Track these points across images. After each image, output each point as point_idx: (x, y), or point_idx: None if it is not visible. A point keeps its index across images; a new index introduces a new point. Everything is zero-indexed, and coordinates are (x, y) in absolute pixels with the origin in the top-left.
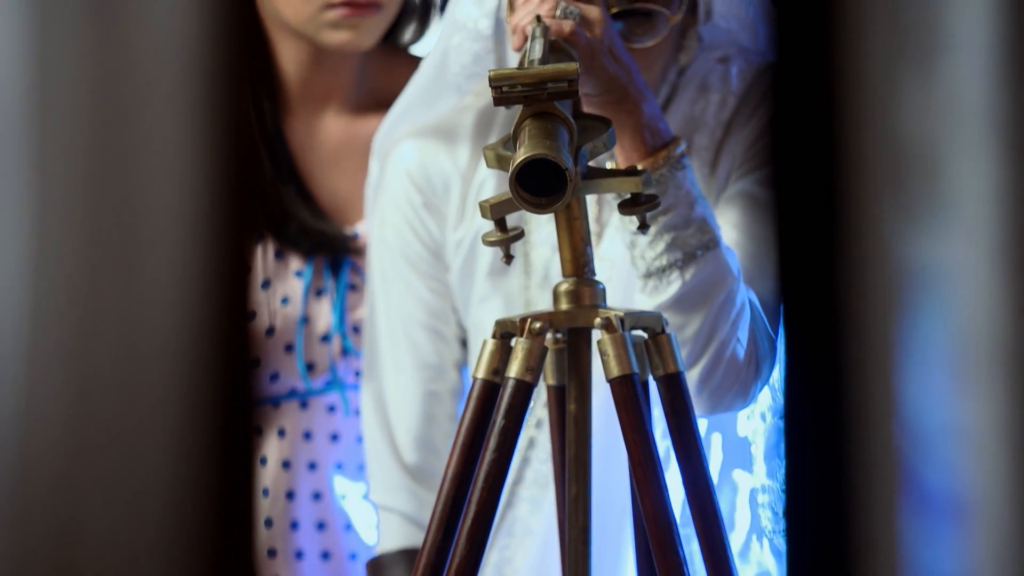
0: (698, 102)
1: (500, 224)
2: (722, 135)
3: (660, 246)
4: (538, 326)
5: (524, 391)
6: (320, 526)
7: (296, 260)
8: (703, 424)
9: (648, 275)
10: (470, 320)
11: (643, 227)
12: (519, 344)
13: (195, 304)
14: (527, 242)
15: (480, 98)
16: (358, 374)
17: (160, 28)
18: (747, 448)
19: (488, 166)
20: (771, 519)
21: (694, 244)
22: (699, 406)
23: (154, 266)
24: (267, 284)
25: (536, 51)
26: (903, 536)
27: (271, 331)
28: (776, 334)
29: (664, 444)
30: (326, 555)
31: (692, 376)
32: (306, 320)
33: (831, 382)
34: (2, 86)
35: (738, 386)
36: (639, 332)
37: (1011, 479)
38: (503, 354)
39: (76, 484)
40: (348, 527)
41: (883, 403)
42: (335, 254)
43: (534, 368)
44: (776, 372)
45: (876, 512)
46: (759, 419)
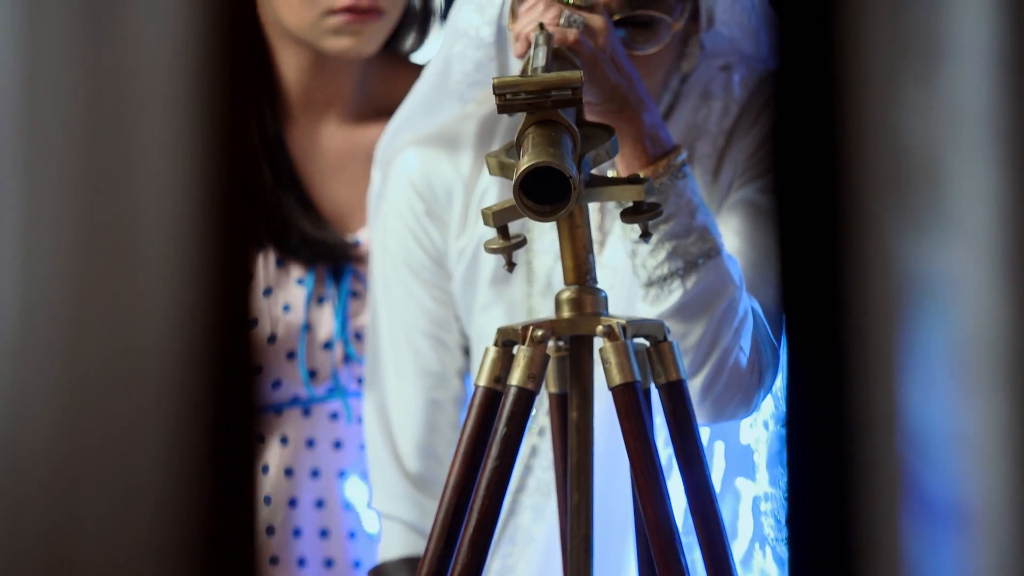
0: (700, 110)
1: (503, 231)
2: (724, 143)
3: (661, 255)
4: (540, 334)
5: (526, 399)
6: (323, 533)
7: (297, 268)
8: (705, 432)
9: (650, 284)
10: (472, 328)
11: (645, 235)
12: (521, 352)
13: (197, 312)
14: (529, 250)
15: (482, 106)
16: (360, 381)
17: (160, 35)
18: (750, 456)
19: (491, 173)
20: (774, 527)
21: (695, 253)
22: (702, 415)
23: (155, 274)
24: (268, 292)
25: (540, 59)
26: (905, 543)
27: (273, 339)
28: (779, 342)
29: (666, 452)
30: (329, 563)
31: (695, 385)
32: (308, 327)
33: (833, 389)
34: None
35: (741, 395)
36: (641, 340)
37: (1013, 486)
38: (505, 362)
39: (75, 494)
40: (351, 535)
41: (885, 410)
42: (336, 262)
43: (536, 376)
44: (779, 380)
45: (878, 519)
46: (761, 427)
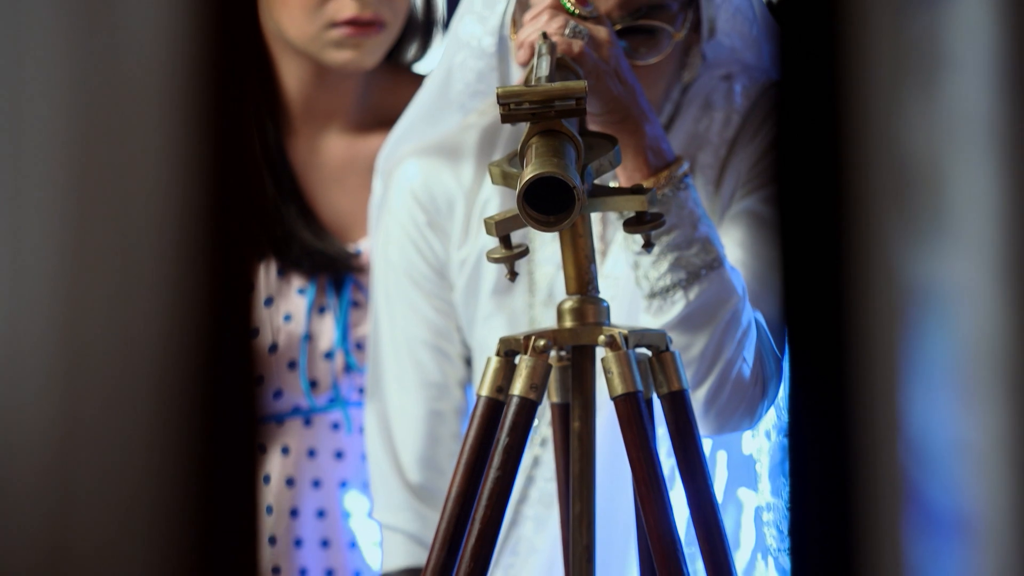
0: (702, 120)
1: (505, 241)
2: (726, 153)
3: (663, 266)
4: (542, 344)
5: (528, 409)
6: (324, 543)
7: (299, 278)
8: (707, 442)
9: (652, 295)
10: (474, 339)
11: (648, 245)
12: (523, 362)
13: (198, 322)
14: (531, 260)
15: (484, 116)
16: (361, 391)
17: (161, 45)
18: (752, 466)
19: (493, 183)
20: (776, 537)
21: (698, 264)
22: (705, 427)
23: (156, 285)
24: (270, 302)
25: (543, 68)
26: (908, 553)
27: (274, 348)
28: (782, 353)
29: (669, 463)
30: (330, 573)
31: (698, 396)
32: (309, 337)
33: (835, 400)
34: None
35: (744, 406)
36: (643, 350)
37: (1014, 495)
38: (507, 372)
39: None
40: (352, 545)
41: (887, 420)
42: (337, 272)
43: (538, 386)
44: (781, 390)
45: (880, 529)
46: (764, 437)
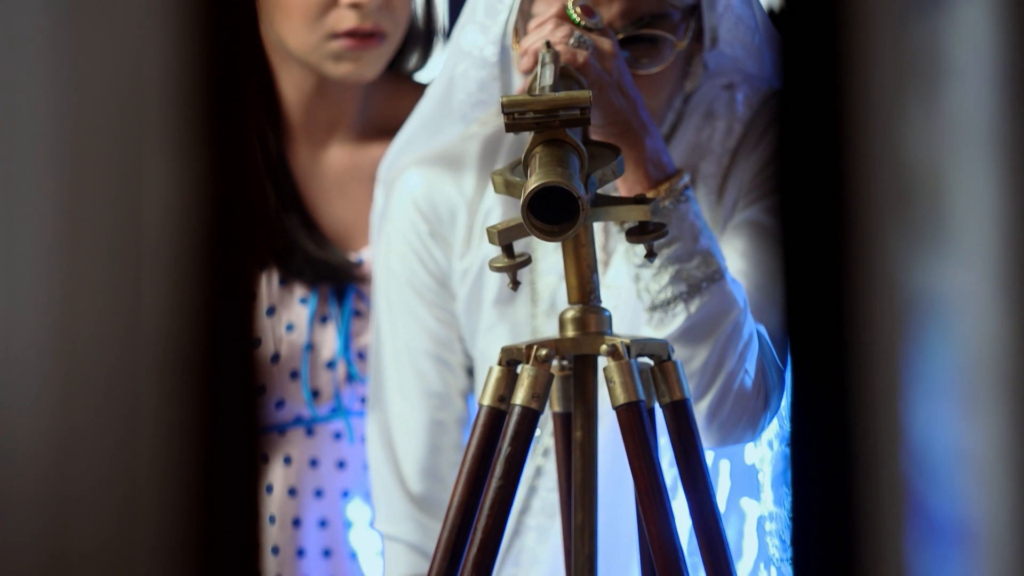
0: (704, 129)
1: (507, 250)
2: (729, 162)
3: (665, 279)
4: (544, 353)
5: (530, 418)
6: (326, 553)
7: (301, 287)
8: (710, 452)
9: (653, 308)
10: (476, 349)
11: (650, 255)
12: (525, 371)
13: (200, 332)
14: (534, 270)
15: (486, 126)
16: (363, 400)
17: (162, 55)
18: (754, 476)
19: (496, 191)
20: (778, 547)
21: (699, 276)
22: (708, 439)
23: (159, 295)
24: (272, 311)
25: (547, 77)
26: (909, 562)
27: (276, 358)
28: (784, 364)
29: (672, 473)
30: None
31: (701, 409)
32: (311, 347)
33: (837, 409)
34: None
35: (747, 417)
36: (645, 359)
37: (1016, 504)
38: (509, 381)
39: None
40: (354, 555)
41: (889, 429)
42: (339, 282)
43: (540, 395)
44: (783, 400)
45: (883, 538)
46: (766, 447)
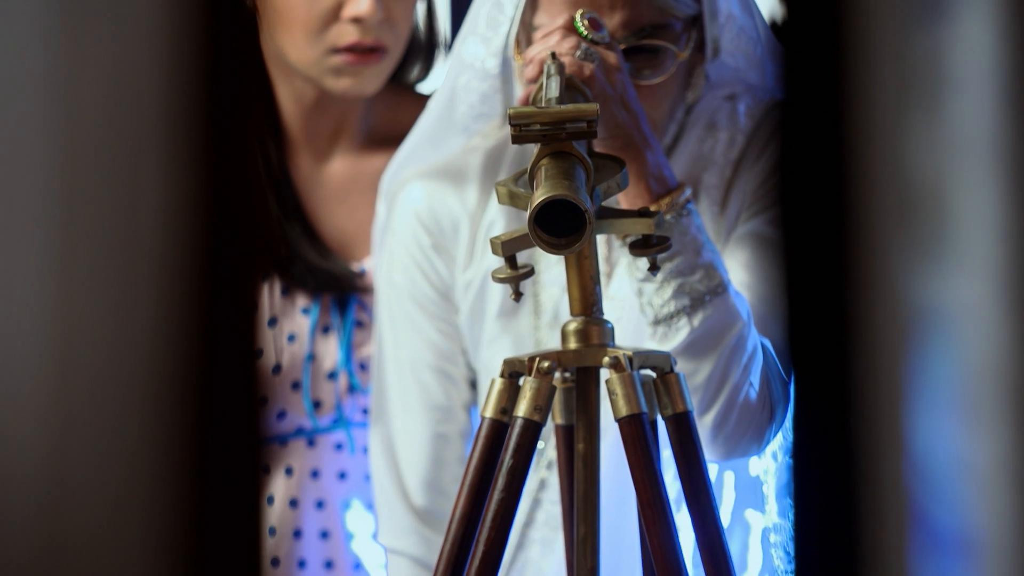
0: (706, 140)
1: (511, 261)
2: (731, 174)
3: (667, 293)
4: (546, 365)
5: (532, 430)
6: (328, 565)
7: (303, 297)
8: (714, 464)
9: (657, 322)
10: (479, 361)
11: (653, 269)
12: (527, 383)
13: (202, 343)
14: (537, 282)
15: (488, 139)
16: (365, 412)
17: (162, 66)
18: (759, 487)
19: (500, 202)
20: (783, 559)
21: (702, 290)
22: (714, 453)
23: (160, 306)
24: (274, 322)
25: (553, 89)
26: (912, 573)
27: (278, 369)
28: (789, 376)
29: (676, 486)
30: None
31: (706, 422)
32: (313, 357)
33: (840, 420)
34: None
35: (752, 431)
36: (647, 371)
37: (1018, 515)
38: (511, 393)
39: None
40: (357, 566)
41: (891, 441)
42: (341, 292)
43: (542, 407)
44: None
45: (885, 550)
46: (771, 458)
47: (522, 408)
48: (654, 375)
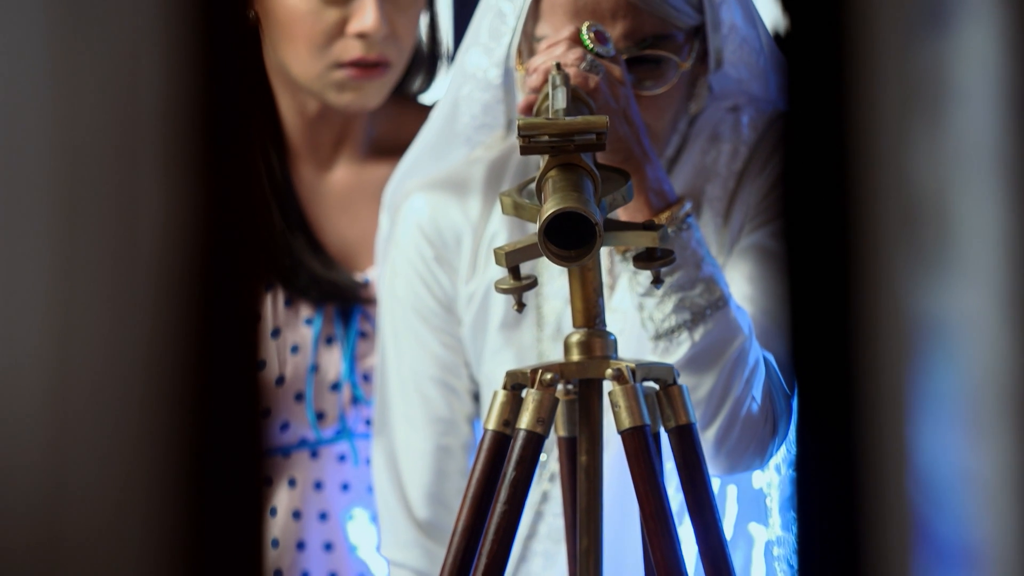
0: (709, 152)
1: (514, 272)
2: (735, 185)
3: (668, 307)
4: (549, 377)
5: (535, 442)
6: None
7: (306, 308)
8: (718, 477)
9: (658, 337)
10: (482, 373)
11: (657, 282)
12: (530, 395)
13: (204, 354)
14: (539, 294)
15: (490, 150)
16: (368, 423)
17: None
18: (762, 500)
19: (504, 212)
20: (786, 572)
21: (702, 304)
22: (717, 467)
23: (162, 317)
24: (277, 333)
25: (560, 101)
26: None
27: (281, 381)
28: (792, 389)
29: (679, 498)
30: None
31: (708, 437)
32: (316, 368)
33: (843, 433)
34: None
35: (756, 445)
36: (650, 383)
37: (1023, 528)
38: (514, 405)
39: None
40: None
41: (895, 453)
42: (345, 302)
43: (545, 419)
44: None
45: (889, 563)
46: (774, 471)
47: (525, 420)
48: (657, 387)
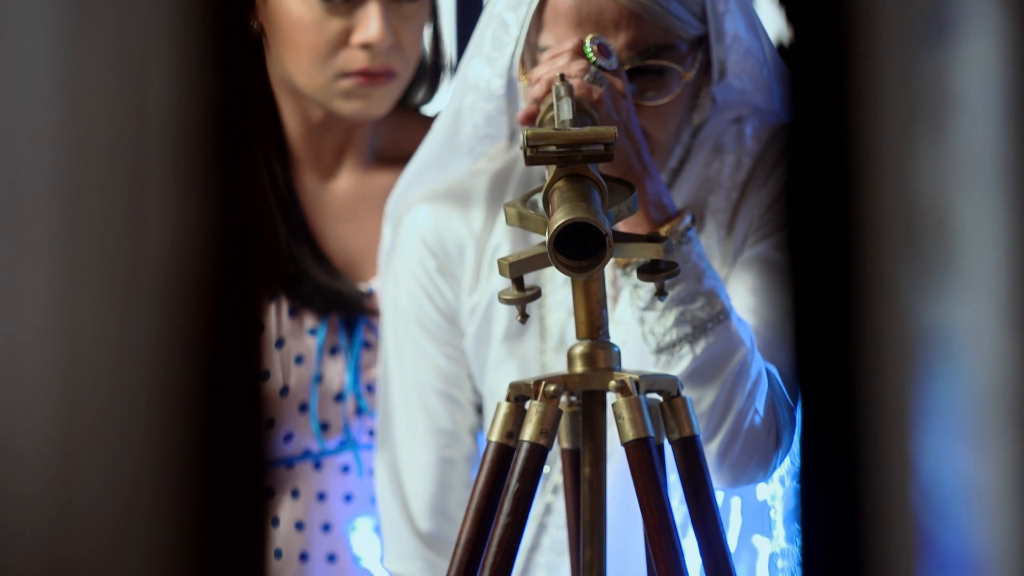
0: (713, 163)
1: (518, 283)
2: (738, 196)
3: (669, 321)
4: (552, 389)
5: (538, 454)
6: None
7: (310, 318)
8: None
9: (659, 351)
10: (485, 385)
11: (661, 294)
12: (533, 407)
13: (208, 364)
14: (542, 306)
15: (493, 162)
16: (372, 433)
17: (168, 88)
18: (766, 512)
19: (508, 223)
20: None
21: (703, 317)
22: (720, 480)
23: (166, 326)
24: (281, 343)
25: (565, 111)
26: None
27: (285, 391)
28: (795, 401)
29: (683, 510)
30: None
31: (711, 450)
32: (320, 379)
33: (847, 445)
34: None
35: (759, 457)
36: (654, 395)
37: None
38: (517, 417)
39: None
40: None
41: (899, 465)
42: (349, 312)
43: (548, 431)
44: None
45: (894, 574)
46: (778, 483)
47: (528, 432)
48: (660, 399)
